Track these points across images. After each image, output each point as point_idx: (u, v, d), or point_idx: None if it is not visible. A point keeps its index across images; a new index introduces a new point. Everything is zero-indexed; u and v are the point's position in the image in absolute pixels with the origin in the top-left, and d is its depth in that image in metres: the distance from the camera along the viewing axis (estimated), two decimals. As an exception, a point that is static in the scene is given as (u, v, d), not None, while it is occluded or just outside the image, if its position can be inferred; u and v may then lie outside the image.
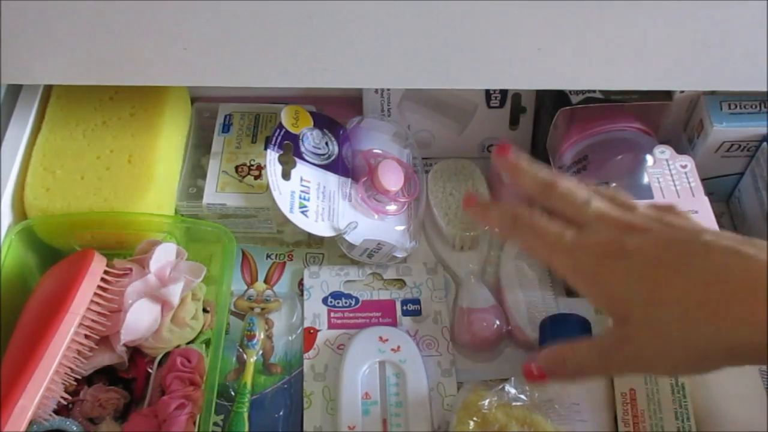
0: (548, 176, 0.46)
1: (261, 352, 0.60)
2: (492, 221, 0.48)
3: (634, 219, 0.43)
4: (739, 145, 0.63)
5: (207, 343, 0.56)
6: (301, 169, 0.63)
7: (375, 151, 0.66)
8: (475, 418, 0.51)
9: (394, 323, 0.62)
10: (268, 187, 0.61)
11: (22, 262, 0.57)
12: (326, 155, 0.65)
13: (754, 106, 0.62)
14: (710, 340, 0.37)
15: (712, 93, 0.63)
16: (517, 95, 0.68)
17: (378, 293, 0.63)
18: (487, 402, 0.51)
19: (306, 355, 0.60)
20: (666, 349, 0.38)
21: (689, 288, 0.38)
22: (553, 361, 0.44)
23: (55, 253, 0.60)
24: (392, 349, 0.58)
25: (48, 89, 0.63)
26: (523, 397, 0.52)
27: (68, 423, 0.51)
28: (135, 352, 0.55)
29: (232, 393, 0.58)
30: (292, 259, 0.66)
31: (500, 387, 0.52)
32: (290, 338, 0.61)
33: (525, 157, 0.48)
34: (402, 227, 0.64)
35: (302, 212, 0.61)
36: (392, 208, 0.64)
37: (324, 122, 0.66)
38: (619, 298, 0.40)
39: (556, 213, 0.45)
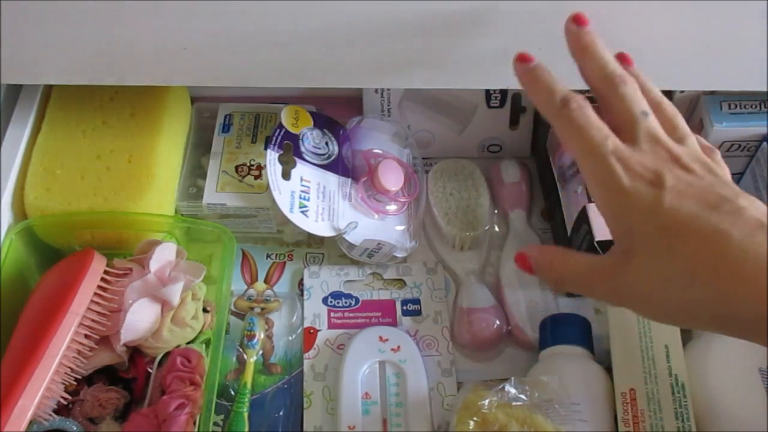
0: (618, 70, 0.43)
1: (261, 352, 0.60)
2: (538, 93, 0.44)
3: (682, 153, 0.40)
4: (739, 145, 0.63)
5: (207, 343, 0.56)
6: (301, 169, 0.63)
7: (375, 151, 0.66)
8: (475, 418, 0.51)
9: (394, 323, 0.62)
10: (268, 187, 0.61)
11: (22, 262, 0.57)
12: (326, 155, 0.65)
13: (754, 106, 0.62)
14: (706, 302, 0.36)
15: (712, 93, 0.63)
16: (517, 95, 0.68)
17: (378, 293, 0.63)
18: (487, 402, 0.51)
19: (306, 355, 0.60)
20: (659, 295, 0.37)
21: (705, 244, 0.36)
22: (543, 262, 0.43)
23: (55, 253, 0.60)
24: (392, 349, 0.58)
25: (48, 89, 0.63)
26: (523, 397, 0.52)
27: (68, 423, 0.51)
28: (135, 352, 0.55)
29: (232, 393, 0.58)
30: (292, 259, 0.66)
31: (500, 387, 0.52)
32: (290, 338, 0.61)
33: (601, 41, 0.44)
34: (402, 227, 0.64)
35: (302, 212, 0.61)
36: (392, 208, 0.64)
37: (324, 122, 0.66)
38: (635, 228, 0.38)
39: (607, 112, 0.43)
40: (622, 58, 0.45)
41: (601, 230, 0.56)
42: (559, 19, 0.51)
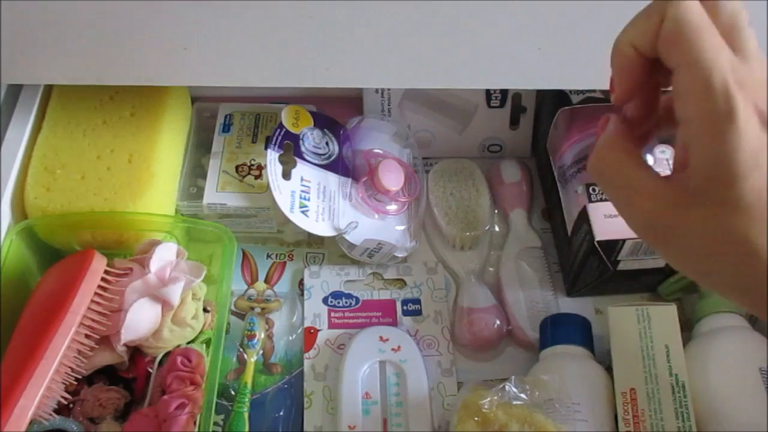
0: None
1: (261, 351, 0.60)
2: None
3: None
4: (740, 145, 0.63)
5: (207, 342, 0.56)
6: (301, 169, 0.63)
7: (375, 150, 0.66)
8: (475, 418, 0.51)
9: (394, 323, 0.62)
10: (268, 187, 0.61)
11: (22, 261, 0.57)
12: (327, 155, 0.65)
13: (754, 106, 0.62)
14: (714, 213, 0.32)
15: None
16: (518, 95, 0.68)
17: (378, 293, 0.63)
18: (487, 401, 0.51)
19: (306, 355, 0.60)
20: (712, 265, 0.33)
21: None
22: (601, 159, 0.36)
23: (55, 253, 0.60)
24: (392, 349, 0.58)
25: (48, 89, 0.63)
26: (523, 396, 0.52)
27: (69, 422, 0.51)
28: (135, 351, 0.55)
29: (233, 393, 0.58)
30: (292, 259, 0.66)
31: (500, 386, 0.52)
32: (290, 338, 0.61)
33: None
34: (402, 227, 0.64)
35: (303, 212, 0.61)
36: (392, 207, 0.65)
37: (324, 122, 0.66)
38: (739, 160, 0.31)
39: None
40: None
41: (601, 230, 0.56)
42: (559, 19, 0.51)
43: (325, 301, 0.63)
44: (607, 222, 0.56)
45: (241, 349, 0.60)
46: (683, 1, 0.32)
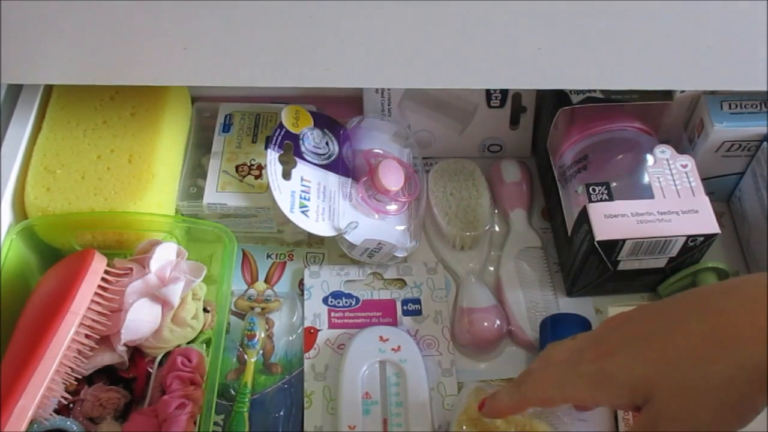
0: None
1: (261, 351, 0.60)
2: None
3: (607, 321, 0.43)
4: (740, 145, 0.63)
5: (207, 342, 0.56)
6: (301, 169, 0.63)
7: (375, 150, 0.66)
8: (474, 424, 0.51)
9: (394, 323, 0.62)
10: (268, 187, 0.61)
11: (22, 261, 0.57)
12: (327, 155, 0.65)
13: (754, 106, 0.62)
14: (733, 371, 0.36)
15: (713, 93, 0.63)
16: (518, 95, 0.68)
17: (378, 293, 0.63)
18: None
19: (306, 355, 0.60)
20: (699, 407, 0.37)
21: (689, 337, 0.37)
22: None
23: (55, 253, 0.60)
24: (393, 349, 0.58)
25: (48, 89, 0.63)
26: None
27: (69, 423, 0.51)
28: (135, 351, 0.55)
29: (233, 392, 0.58)
30: (292, 259, 0.66)
31: None
32: (291, 338, 0.61)
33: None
34: (402, 227, 0.64)
35: (303, 212, 0.61)
36: (393, 207, 0.65)
37: (324, 122, 0.66)
38: (636, 381, 0.38)
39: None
40: None
41: (601, 230, 0.56)
42: (560, 19, 0.51)
43: (325, 301, 0.63)
44: (607, 222, 0.56)
45: (241, 349, 0.60)
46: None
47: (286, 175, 0.62)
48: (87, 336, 0.51)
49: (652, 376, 0.38)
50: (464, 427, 0.51)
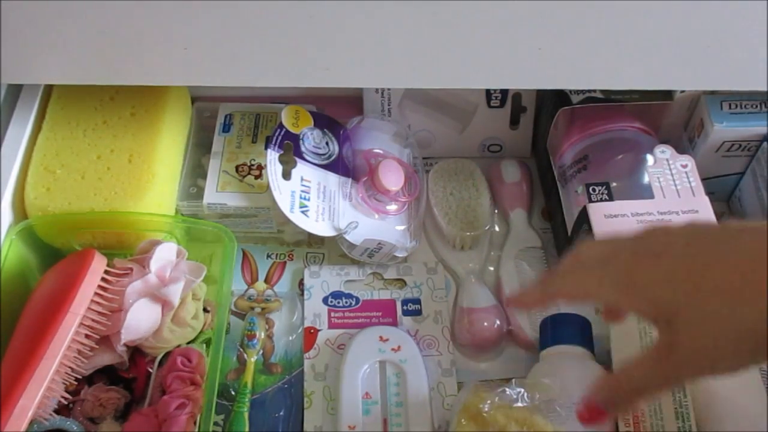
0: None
1: (261, 351, 0.60)
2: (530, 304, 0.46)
3: (649, 230, 0.40)
4: (740, 145, 0.63)
5: (207, 342, 0.56)
6: (301, 169, 0.63)
7: (375, 150, 0.66)
8: (474, 420, 0.51)
9: (394, 323, 0.62)
10: (268, 187, 0.61)
11: (22, 261, 0.57)
12: (327, 155, 0.65)
13: (754, 106, 0.62)
14: (764, 315, 0.35)
15: (713, 93, 0.63)
16: (518, 95, 0.68)
17: (378, 293, 0.63)
18: (487, 404, 0.51)
19: (306, 355, 0.60)
20: (718, 340, 0.36)
21: (727, 273, 0.36)
22: (609, 392, 0.41)
23: (55, 253, 0.60)
24: (393, 349, 0.58)
25: (48, 89, 0.63)
26: (524, 398, 0.52)
27: (69, 423, 0.51)
28: (135, 351, 0.55)
29: (233, 392, 0.58)
30: (292, 259, 0.66)
31: (501, 389, 0.52)
32: (291, 338, 0.61)
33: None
34: (402, 227, 0.64)
35: (303, 212, 0.61)
36: (393, 207, 0.65)
37: (324, 122, 0.66)
38: (661, 299, 0.38)
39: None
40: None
41: (601, 230, 0.56)
42: (560, 19, 0.51)
43: (325, 301, 0.63)
44: (607, 222, 0.56)
45: (241, 349, 0.60)
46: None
47: (286, 175, 0.62)
48: (87, 336, 0.51)
49: (680, 302, 0.37)
50: (464, 422, 0.51)
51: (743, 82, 0.56)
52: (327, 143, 0.66)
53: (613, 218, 0.56)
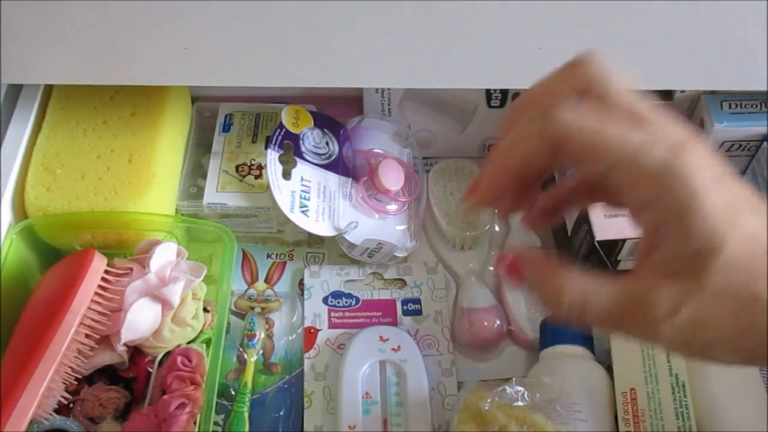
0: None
1: (261, 351, 0.60)
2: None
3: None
4: (740, 145, 0.63)
5: (207, 342, 0.56)
6: (301, 169, 0.63)
7: (375, 150, 0.66)
8: (475, 420, 0.51)
9: (394, 323, 0.62)
10: (268, 187, 0.61)
11: (22, 261, 0.57)
12: (327, 155, 0.65)
13: (754, 106, 0.62)
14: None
15: (713, 93, 0.63)
16: (518, 95, 0.68)
17: (378, 293, 0.63)
18: (488, 403, 0.51)
19: (306, 355, 0.60)
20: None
21: None
22: (546, 281, 0.35)
23: (55, 253, 0.60)
24: (393, 349, 0.58)
25: (48, 89, 0.63)
26: (524, 397, 0.52)
27: (69, 422, 0.51)
28: (135, 351, 0.55)
29: (233, 392, 0.58)
30: (292, 259, 0.66)
31: (501, 388, 0.52)
32: (291, 338, 0.61)
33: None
34: (402, 227, 0.64)
35: (303, 212, 0.61)
36: (393, 207, 0.65)
37: (324, 122, 0.66)
38: (717, 224, 0.31)
39: None
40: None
41: (601, 230, 0.56)
42: (560, 19, 0.51)
43: (325, 300, 0.63)
44: (607, 222, 0.56)
45: (241, 349, 0.60)
46: (563, 113, 0.34)
47: (286, 175, 0.62)
48: (87, 336, 0.51)
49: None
50: (464, 421, 0.51)
51: (743, 82, 0.56)
52: (327, 143, 0.66)
53: (613, 218, 0.56)
